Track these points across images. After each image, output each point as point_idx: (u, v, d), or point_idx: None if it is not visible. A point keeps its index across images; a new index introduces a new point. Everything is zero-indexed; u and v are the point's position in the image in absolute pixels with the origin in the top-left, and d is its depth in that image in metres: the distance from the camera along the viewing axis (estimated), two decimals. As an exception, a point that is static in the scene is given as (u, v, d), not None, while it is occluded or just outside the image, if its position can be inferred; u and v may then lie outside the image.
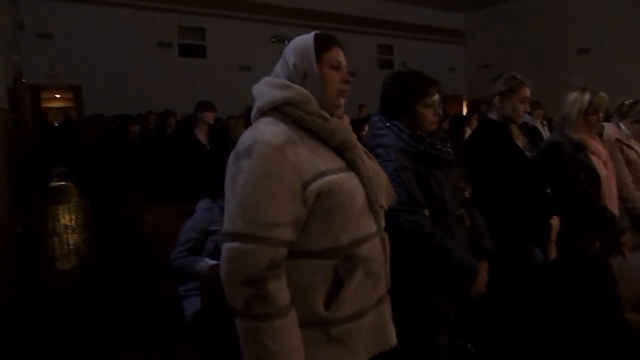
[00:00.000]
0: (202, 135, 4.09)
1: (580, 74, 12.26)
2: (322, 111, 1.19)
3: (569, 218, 2.14)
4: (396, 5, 13.50)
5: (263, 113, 1.20)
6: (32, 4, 9.37)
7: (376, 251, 1.22)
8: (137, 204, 3.97)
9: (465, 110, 15.08)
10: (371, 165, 1.27)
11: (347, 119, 1.30)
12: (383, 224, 1.28)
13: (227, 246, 1.10)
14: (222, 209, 2.39)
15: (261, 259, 1.06)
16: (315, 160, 1.14)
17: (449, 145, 1.77)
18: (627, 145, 2.64)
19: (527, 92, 2.08)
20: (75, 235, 5.64)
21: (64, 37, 9.82)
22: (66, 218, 6.52)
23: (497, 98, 2.10)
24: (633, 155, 2.63)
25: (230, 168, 1.14)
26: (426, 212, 1.63)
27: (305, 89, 1.19)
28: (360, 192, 1.19)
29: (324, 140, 1.18)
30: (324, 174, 1.13)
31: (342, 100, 1.27)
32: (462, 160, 1.88)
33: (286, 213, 1.09)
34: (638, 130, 2.73)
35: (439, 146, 1.73)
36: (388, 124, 1.74)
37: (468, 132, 7.58)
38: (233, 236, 1.09)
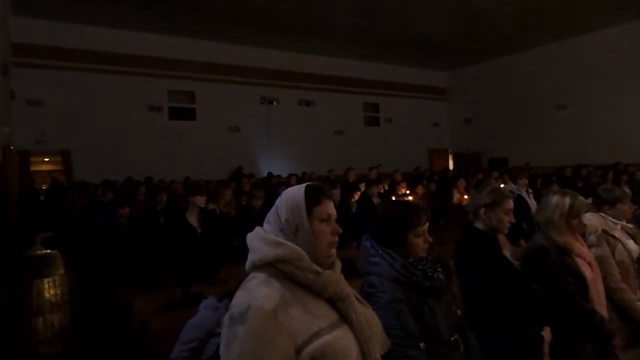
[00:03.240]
0: (193, 219, 4.10)
1: (556, 108, 12.66)
2: (314, 266, 1.24)
3: (559, 324, 2.17)
4: (380, 65, 14.02)
5: (257, 267, 1.25)
6: (22, 72, 9.51)
7: None
8: (126, 291, 3.91)
9: (451, 164, 15.41)
10: (364, 314, 1.29)
11: (339, 267, 1.34)
12: None
13: None
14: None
15: None
16: (308, 319, 1.17)
17: (440, 269, 1.83)
18: (613, 237, 2.71)
19: (510, 204, 2.17)
20: (60, 313, 5.48)
21: (54, 104, 9.95)
22: (51, 293, 6.35)
23: (482, 210, 2.18)
24: (619, 246, 2.70)
25: (225, 332, 1.17)
26: (422, 346, 1.66)
27: (297, 242, 1.25)
28: (353, 349, 1.21)
29: (317, 292, 1.22)
30: (317, 335, 1.16)
31: (333, 251, 1.31)
32: (451, 275, 1.92)
33: None
34: (621, 209, 2.81)
35: (430, 273, 1.77)
36: (380, 252, 1.79)
37: (455, 194, 7.69)
38: None
